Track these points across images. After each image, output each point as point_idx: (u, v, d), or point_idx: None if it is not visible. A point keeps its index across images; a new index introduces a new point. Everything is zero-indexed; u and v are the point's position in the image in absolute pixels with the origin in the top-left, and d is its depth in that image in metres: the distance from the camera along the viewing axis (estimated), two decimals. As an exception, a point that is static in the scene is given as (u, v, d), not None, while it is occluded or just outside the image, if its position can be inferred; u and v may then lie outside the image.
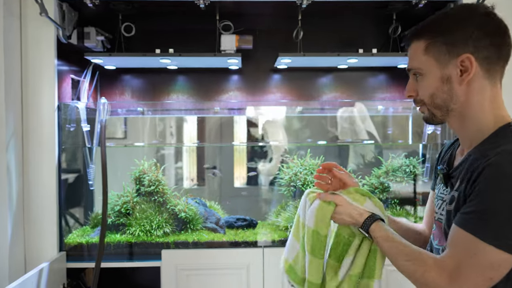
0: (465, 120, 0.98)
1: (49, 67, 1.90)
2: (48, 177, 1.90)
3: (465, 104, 0.96)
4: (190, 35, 2.42)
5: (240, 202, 2.54)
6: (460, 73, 0.94)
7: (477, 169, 0.87)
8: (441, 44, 0.95)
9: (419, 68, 0.99)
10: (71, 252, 1.98)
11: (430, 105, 0.99)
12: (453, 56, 0.94)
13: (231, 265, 1.96)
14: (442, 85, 0.96)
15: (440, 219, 1.05)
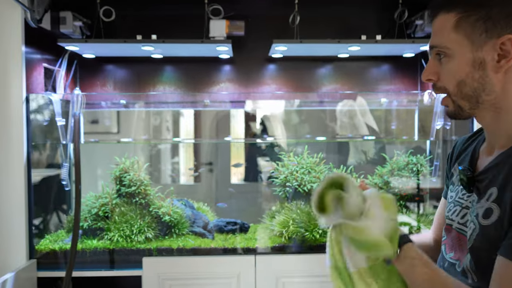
0: (501, 114, 0.82)
1: (15, 54, 1.69)
2: (16, 177, 1.71)
3: (501, 95, 0.80)
4: (176, 20, 2.22)
5: (230, 202, 2.35)
6: (498, 58, 0.78)
7: None
8: (477, 19, 0.78)
9: (445, 47, 0.81)
10: (43, 259, 1.78)
11: (456, 95, 0.82)
12: (492, 37, 0.77)
13: (220, 274, 1.77)
14: (473, 71, 0.79)
15: (459, 229, 0.87)
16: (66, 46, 1.98)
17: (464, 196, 0.88)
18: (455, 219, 0.90)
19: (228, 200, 2.32)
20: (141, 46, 1.95)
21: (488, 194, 0.79)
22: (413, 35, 2.16)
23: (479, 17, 0.77)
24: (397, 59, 2.33)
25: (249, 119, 2.39)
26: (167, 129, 2.44)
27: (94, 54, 2.17)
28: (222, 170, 2.42)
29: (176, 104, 2.35)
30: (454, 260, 0.88)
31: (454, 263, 0.87)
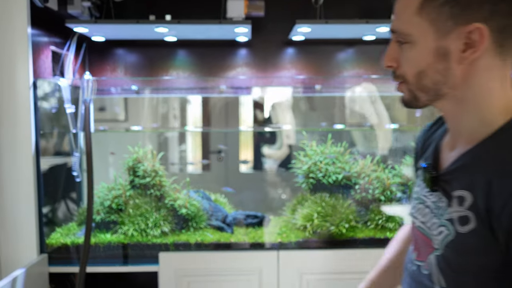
0: (464, 107, 0.73)
1: (21, 36, 1.58)
2: (24, 167, 1.61)
3: (464, 87, 0.71)
4: (191, 0, 2.08)
5: (248, 194, 2.25)
6: (464, 48, 0.68)
7: (503, 196, 0.63)
8: (444, 3, 0.67)
9: (407, 33, 0.71)
10: (55, 254, 1.70)
11: (414, 85, 0.73)
12: (458, 24, 0.67)
13: (241, 271, 1.68)
14: (436, 61, 0.70)
15: (421, 229, 0.81)
16: (74, 27, 1.85)
17: (427, 194, 0.80)
18: (418, 217, 0.83)
19: (245, 190, 2.22)
20: (154, 27, 1.82)
21: (460, 198, 0.71)
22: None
23: (445, 1, 0.67)
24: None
25: (260, 106, 2.27)
26: (174, 117, 2.33)
27: (104, 36, 2.05)
28: (234, 158, 2.31)
29: (190, 90, 2.23)
30: (419, 262, 0.81)
31: (419, 265, 0.81)
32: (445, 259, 0.73)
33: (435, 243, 0.76)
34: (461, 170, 0.73)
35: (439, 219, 0.75)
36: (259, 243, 1.71)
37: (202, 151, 2.40)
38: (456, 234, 0.71)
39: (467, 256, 0.70)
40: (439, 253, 0.74)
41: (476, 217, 0.68)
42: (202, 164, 2.37)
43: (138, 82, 2.19)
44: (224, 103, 2.22)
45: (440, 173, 0.77)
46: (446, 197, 0.74)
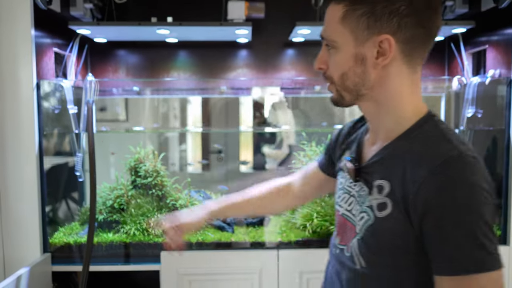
0: (380, 108, 0.83)
1: (25, 37, 1.60)
2: (28, 167, 1.63)
3: (379, 90, 0.81)
4: (192, 2, 2.11)
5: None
6: (376, 56, 0.78)
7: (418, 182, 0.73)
8: (362, 14, 0.77)
9: (332, 40, 0.81)
10: (58, 253, 1.72)
11: (339, 86, 0.83)
12: (373, 33, 0.77)
13: (241, 269, 1.70)
14: (355, 65, 0.80)
15: (346, 216, 0.90)
16: (77, 29, 1.87)
17: (351, 185, 0.90)
18: (343, 206, 0.92)
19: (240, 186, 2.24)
20: (156, 29, 1.84)
21: (379, 187, 0.80)
22: (442, 16, 2.04)
23: (363, 12, 0.77)
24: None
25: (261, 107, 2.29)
26: (175, 117, 2.34)
27: (106, 38, 2.07)
28: (233, 158, 2.33)
29: (191, 91, 2.25)
30: (342, 246, 0.90)
31: (342, 248, 0.90)
32: (365, 242, 0.82)
33: (357, 228, 0.85)
34: (380, 162, 0.82)
35: (361, 206, 0.85)
36: (259, 242, 1.74)
37: (202, 151, 2.43)
38: (375, 219, 0.80)
39: (384, 238, 0.79)
40: (360, 237, 0.83)
41: (392, 203, 0.77)
42: (202, 164, 2.39)
43: (139, 83, 2.21)
44: (224, 104, 2.24)
45: (362, 166, 0.87)
46: (367, 186, 0.84)
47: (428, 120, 0.81)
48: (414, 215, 0.74)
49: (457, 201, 0.70)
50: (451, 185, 0.70)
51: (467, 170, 0.71)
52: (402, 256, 0.78)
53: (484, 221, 0.70)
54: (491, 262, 0.70)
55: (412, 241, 0.75)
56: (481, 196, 0.70)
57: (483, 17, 1.86)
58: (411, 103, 0.81)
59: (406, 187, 0.75)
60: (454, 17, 1.98)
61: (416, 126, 0.80)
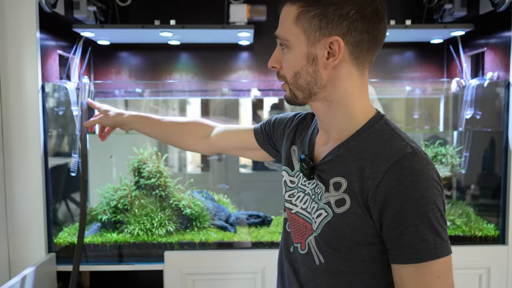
0: (332, 107, 0.85)
1: (30, 40, 1.61)
2: (33, 168, 1.65)
3: (330, 89, 0.83)
4: (194, 5, 2.13)
5: (249, 193, 2.30)
6: (327, 56, 0.81)
7: (377, 179, 0.77)
8: (314, 16, 0.79)
9: (285, 39, 0.83)
10: (62, 253, 1.74)
11: (292, 85, 0.86)
12: (324, 35, 0.80)
13: (244, 269, 1.72)
14: (307, 64, 0.82)
15: (301, 214, 0.91)
16: (81, 32, 1.90)
17: (305, 183, 0.92)
18: (298, 205, 0.93)
19: (244, 191, 2.26)
20: (159, 32, 1.87)
21: (336, 184, 0.83)
22: (441, 20, 2.07)
23: (316, 14, 0.79)
24: (422, 46, 2.24)
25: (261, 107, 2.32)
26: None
27: (109, 40, 2.09)
28: (233, 159, 2.35)
29: (193, 93, 2.27)
30: (296, 244, 0.92)
31: (296, 246, 0.91)
32: (323, 238, 0.85)
33: (313, 226, 0.87)
34: (336, 160, 0.85)
35: (318, 204, 0.87)
36: (262, 242, 1.76)
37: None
38: (333, 215, 0.83)
39: (343, 233, 0.82)
40: (317, 234, 0.86)
41: (351, 199, 0.81)
42: (201, 166, 2.41)
43: (141, 84, 2.23)
44: (224, 105, 2.26)
45: (316, 164, 0.88)
46: (323, 184, 0.86)
47: (378, 120, 0.84)
48: (374, 209, 0.78)
49: (416, 193, 0.74)
50: (410, 179, 0.74)
51: (422, 165, 0.76)
52: (361, 249, 0.81)
53: (439, 210, 0.75)
54: (446, 248, 0.76)
55: (370, 234, 0.80)
56: (435, 189, 0.75)
57: (481, 20, 1.89)
58: (361, 104, 0.84)
59: (365, 183, 0.78)
60: (452, 20, 2.01)
61: (368, 125, 0.83)
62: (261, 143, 1.12)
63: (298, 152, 0.97)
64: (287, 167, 0.99)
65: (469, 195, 2.04)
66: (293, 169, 0.97)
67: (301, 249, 0.89)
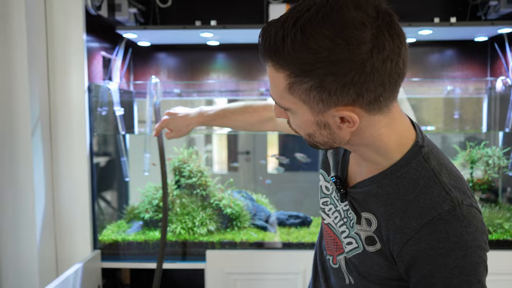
0: (362, 149, 0.75)
1: (77, 42, 1.66)
2: (80, 167, 1.69)
3: (354, 139, 0.72)
4: (232, 5, 2.14)
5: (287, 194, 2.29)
6: (341, 121, 0.69)
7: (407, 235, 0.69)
8: (311, 88, 0.65)
9: (284, 107, 0.71)
10: (106, 250, 1.77)
11: (309, 141, 0.76)
12: (329, 106, 0.67)
13: (285, 270, 1.72)
14: (320, 129, 0.71)
15: (333, 228, 0.86)
16: (123, 33, 1.93)
17: (338, 200, 0.84)
18: (330, 216, 0.87)
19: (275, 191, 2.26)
20: (200, 32, 1.88)
21: (367, 219, 0.77)
22: (485, 17, 2.01)
23: (311, 86, 0.65)
24: (463, 43, 2.18)
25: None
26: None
27: (149, 41, 2.12)
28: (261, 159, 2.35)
29: (230, 93, 2.28)
30: (328, 256, 0.88)
31: (329, 258, 0.88)
32: (353, 264, 0.80)
33: (344, 248, 0.82)
34: (367, 195, 0.76)
35: (349, 230, 0.81)
36: (303, 243, 1.75)
37: (229, 152, 2.46)
38: (364, 250, 0.78)
39: (373, 269, 0.77)
40: (348, 258, 0.81)
41: (379, 241, 0.75)
42: (228, 165, 2.42)
43: (180, 85, 2.25)
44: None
45: (348, 190, 0.81)
46: (355, 214, 0.79)
47: (415, 154, 0.73)
48: (400, 264, 0.72)
49: (449, 262, 0.66)
50: (443, 246, 0.66)
51: (461, 228, 0.66)
52: (391, 283, 0.78)
53: (478, 280, 0.67)
54: None
55: (400, 275, 0.75)
56: (476, 257, 0.67)
57: (529, 17, 1.82)
58: (393, 139, 0.73)
59: (394, 234, 0.71)
60: (497, 17, 1.95)
61: (403, 162, 0.73)
62: None
63: (333, 160, 0.88)
64: (324, 171, 0.92)
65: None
66: (329, 175, 0.90)
67: (333, 263, 0.86)
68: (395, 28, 0.64)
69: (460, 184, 0.72)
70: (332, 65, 0.62)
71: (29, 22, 1.50)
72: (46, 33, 1.63)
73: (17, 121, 1.51)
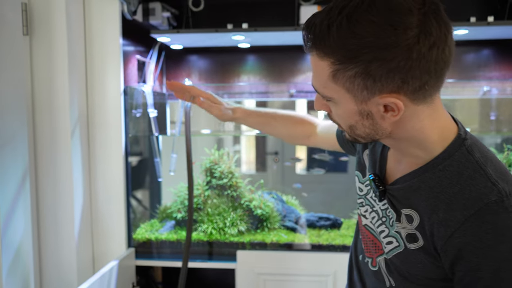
0: (404, 143, 0.74)
1: (114, 46, 1.71)
2: (116, 168, 1.74)
3: (395, 132, 0.72)
4: (264, 7, 2.15)
5: (315, 195, 2.28)
6: (385, 110, 0.68)
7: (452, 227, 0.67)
8: (355, 75, 0.65)
9: (326, 96, 0.71)
10: (140, 248, 1.82)
11: (350, 134, 0.76)
12: (373, 94, 0.66)
13: (316, 272, 1.72)
14: (362, 119, 0.71)
15: (371, 229, 0.85)
16: (157, 37, 1.98)
17: (376, 200, 0.83)
18: (367, 217, 0.86)
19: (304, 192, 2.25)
20: (232, 35, 1.90)
21: (408, 215, 0.75)
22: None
23: (356, 73, 0.64)
24: (501, 43, 2.12)
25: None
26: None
27: (182, 44, 2.17)
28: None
29: (261, 95, 2.30)
30: (367, 258, 0.86)
31: (366, 262, 0.86)
32: (394, 265, 0.78)
33: (383, 248, 0.80)
34: (408, 190, 0.75)
35: (388, 229, 0.79)
36: (333, 245, 1.74)
37: (257, 153, 2.47)
38: (405, 248, 0.75)
39: (415, 268, 0.75)
40: (388, 258, 0.79)
41: (422, 237, 0.73)
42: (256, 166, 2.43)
43: (211, 87, 2.29)
44: (282, 107, 2.27)
45: (387, 187, 0.79)
46: (394, 211, 0.77)
47: (458, 147, 0.71)
48: (445, 259, 0.69)
49: (498, 255, 0.64)
50: (491, 237, 0.64)
51: (510, 220, 0.65)
52: (435, 284, 0.75)
53: None
54: None
55: (444, 274, 0.72)
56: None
57: None
58: (435, 131, 0.72)
59: (437, 229, 0.69)
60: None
61: (445, 155, 0.71)
62: (342, 145, 1.08)
63: (369, 160, 0.87)
64: (359, 172, 0.91)
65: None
66: (364, 176, 0.89)
67: (372, 266, 0.84)
68: (441, 16, 0.64)
69: (507, 176, 0.69)
70: (378, 50, 0.62)
71: (69, 28, 1.56)
72: (84, 38, 1.69)
73: (57, 123, 1.58)
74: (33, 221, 1.56)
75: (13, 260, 1.29)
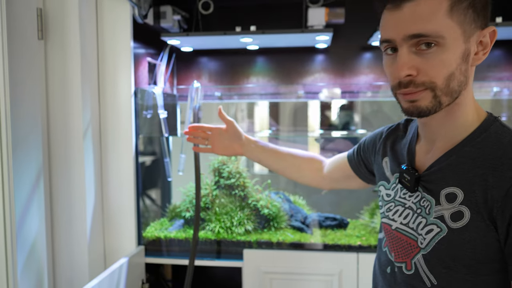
0: (450, 113, 0.77)
1: (125, 49, 1.76)
2: (127, 167, 1.79)
3: (465, 90, 0.76)
4: (272, 10, 2.18)
5: (323, 196, 2.29)
6: (477, 50, 0.73)
7: (505, 187, 0.68)
8: (468, 7, 0.70)
9: (440, 35, 0.70)
10: (149, 246, 1.87)
11: (442, 90, 0.73)
12: (477, 27, 0.72)
13: (322, 271, 1.73)
14: (462, 62, 0.72)
15: (402, 230, 0.83)
16: (168, 40, 2.03)
17: (406, 196, 0.84)
18: (397, 220, 0.85)
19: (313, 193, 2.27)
20: (240, 38, 1.94)
21: (449, 195, 0.75)
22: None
23: (468, 4, 0.70)
24: (509, 44, 2.10)
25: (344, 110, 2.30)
26: (252, 122, 2.43)
27: (192, 47, 2.21)
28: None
29: (270, 96, 2.32)
30: (399, 263, 0.83)
31: (400, 266, 0.83)
32: (436, 257, 0.76)
33: (420, 243, 0.79)
34: (446, 169, 0.76)
35: (426, 219, 0.78)
36: (339, 245, 1.76)
37: None
38: (448, 230, 0.74)
39: (462, 250, 0.73)
40: (427, 252, 0.77)
41: (470, 211, 0.72)
42: None
43: (221, 88, 2.32)
44: (294, 108, 2.29)
45: (422, 175, 0.80)
46: (432, 196, 0.78)
47: (492, 122, 0.76)
48: (502, 221, 0.69)
49: None
50: None
51: None
52: (482, 268, 0.72)
53: None
54: None
55: (493, 250, 0.71)
56: None
57: None
58: (473, 106, 0.77)
59: (490, 193, 0.70)
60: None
61: (481, 129, 0.76)
62: (355, 167, 1.09)
63: (391, 164, 0.90)
64: (384, 181, 0.93)
65: None
66: (389, 182, 0.90)
67: (407, 269, 0.81)
68: None
69: None
70: None
71: (82, 32, 1.62)
72: (97, 42, 1.75)
73: (70, 124, 1.63)
74: (47, 219, 1.62)
75: (28, 257, 1.35)
